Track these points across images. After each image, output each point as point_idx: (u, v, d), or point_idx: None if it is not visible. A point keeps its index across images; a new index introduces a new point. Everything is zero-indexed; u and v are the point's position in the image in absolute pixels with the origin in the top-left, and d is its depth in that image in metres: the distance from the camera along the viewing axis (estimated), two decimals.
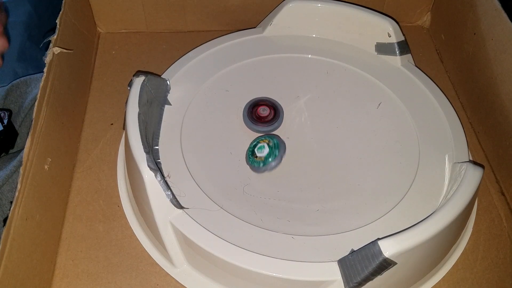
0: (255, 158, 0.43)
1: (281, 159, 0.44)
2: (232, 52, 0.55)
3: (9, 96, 0.61)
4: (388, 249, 0.35)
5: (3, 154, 0.58)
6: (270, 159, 0.43)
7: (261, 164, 0.43)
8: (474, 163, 0.42)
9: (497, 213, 0.48)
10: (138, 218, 0.47)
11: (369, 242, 0.37)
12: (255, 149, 0.43)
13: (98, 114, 0.56)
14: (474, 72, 0.55)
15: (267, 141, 0.44)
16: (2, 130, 0.57)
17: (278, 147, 0.43)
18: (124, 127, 0.49)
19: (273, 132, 0.48)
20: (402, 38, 0.54)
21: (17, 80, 0.63)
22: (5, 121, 0.57)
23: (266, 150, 0.43)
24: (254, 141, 0.45)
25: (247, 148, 0.47)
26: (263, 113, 0.47)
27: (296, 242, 0.40)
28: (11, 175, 0.54)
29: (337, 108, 0.51)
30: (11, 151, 0.59)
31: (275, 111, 0.48)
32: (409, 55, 0.55)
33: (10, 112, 0.59)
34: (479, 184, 0.41)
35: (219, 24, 0.65)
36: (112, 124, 0.55)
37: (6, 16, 0.50)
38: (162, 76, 0.50)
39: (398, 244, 0.35)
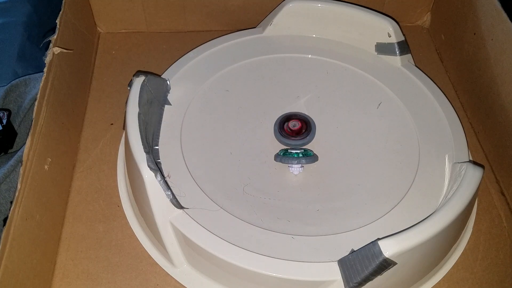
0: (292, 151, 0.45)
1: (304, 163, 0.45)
2: (232, 52, 0.55)
3: (8, 96, 0.61)
4: (388, 249, 0.35)
5: (2, 154, 0.58)
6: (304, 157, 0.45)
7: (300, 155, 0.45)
8: (474, 163, 0.42)
9: (497, 213, 0.48)
10: (138, 218, 0.47)
11: (369, 242, 0.37)
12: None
13: (98, 114, 0.56)
14: (474, 72, 0.55)
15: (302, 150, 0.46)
16: (1, 130, 0.57)
17: (310, 155, 0.46)
18: (124, 127, 0.49)
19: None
20: (402, 38, 0.54)
21: (16, 80, 0.63)
22: (4, 121, 0.57)
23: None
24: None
25: (247, 148, 0.47)
26: (294, 128, 0.47)
27: (296, 242, 0.40)
28: (9, 174, 0.54)
29: (337, 108, 0.51)
30: (10, 151, 0.59)
31: (307, 126, 0.48)
32: (409, 55, 0.55)
33: (9, 112, 0.59)
34: (479, 184, 0.41)
35: (219, 24, 0.65)
36: (112, 124, 0.55)
37: None
38: (162, 76, 0.50)
39: (398, 244, 0.35)
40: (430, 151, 0.46)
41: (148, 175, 0.40)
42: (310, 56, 0.55)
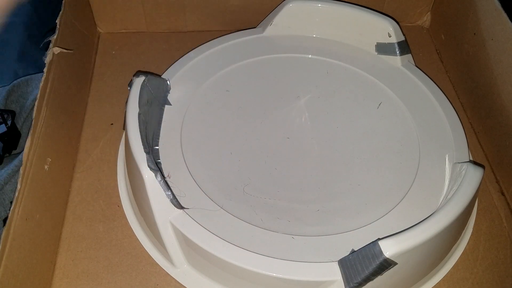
0: None
1: None
2: (232, 52, 0.55)
3: (11, 97, 0.61)
4: (389, 249, 0.35)
5: (6, 155, 0.58)
6: None
7: None
8: (474, 163, 0.42)
9: (497, 213, 0.48)
10: (138, 218, 0.46)
11: (369, 242, 0.37)
12: None
13: (98, 114, 0.56)
14: (474, 72, 0.55)
15: None
16: (6, 132, 0.56)
17: None
18: (124, 127, 0.49)
19: None
20: (402, 38, 0.54)
21: (18, 80, 0.63)
22: (9, 122, 0.57)
23: None
24: None
25: (247, 148, 0.47)
26: None
27: (296, 242, 0.40)
28: (14, 175, 0.54)
29: (337, 108, 0.51)
30: (14, 152, 0.59)
31: None
32: (409, 55, 0.55)
33: (13, 113, 0.59)
34: (480, 184, 0.41)
35: (219, 24, 0.65)
36: (112, 124, 0.55)
37: None
38: (162, 76, 0.50)
39: (398, 244, 0.35)
40: (430, 151, 0.46)
41: (148, 175, 0.40)
42: (310, 56, 0.55)
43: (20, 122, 0.60)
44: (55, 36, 0.47)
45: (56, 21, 0.49)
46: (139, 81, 0.46)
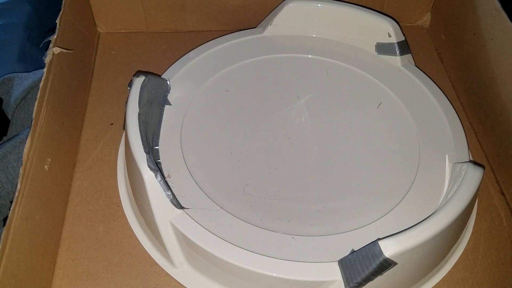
0: None
1: None
2: (232, 52, 0.55)
3: (1, 88, 0.61)
4: (389, 249, 0.35)
5: None
6: None
7: None
8: (474, 163, 0.42)
9: (497, 213, 0.48)
10: (138, 218, 0.46)
11: (369, 242, 0.37)
12: None
13: (98, 114, 0.56)
14: (474, 72, 0.55)
15: None
16: None
17: None
18: (124, 127, 0.49)
19: None
20: (402, 38, 0.54)
21: (9, 74, 0.62)
22: None
23: None
24: None
25: (247, 148, 0.47)
26: None
27: (296, 242, 0.40)
28: (18, 145, 0.53)
29: (337, 108, 0.51)
30: (4, 138, 0.58)
31: None
32: (409, 55, 0.55)
33: (1, 100, 0.58)
34: (480, 184, 0.41)
35: (219, 24, 0.65)
36: (112, 124, 0.55)
37: None
38: (162, 76, 0.50)
39: (398, 244, 0.35)
40: (430, 151, 0.46)
41: (148, 175, 0.40)
42: (310, 56, 0.55)
43: (10, 112, 0.60)
44: (55, 36, 0.47)
45: (56, 21, 0.49)
46: (139, 81, 0.46)
